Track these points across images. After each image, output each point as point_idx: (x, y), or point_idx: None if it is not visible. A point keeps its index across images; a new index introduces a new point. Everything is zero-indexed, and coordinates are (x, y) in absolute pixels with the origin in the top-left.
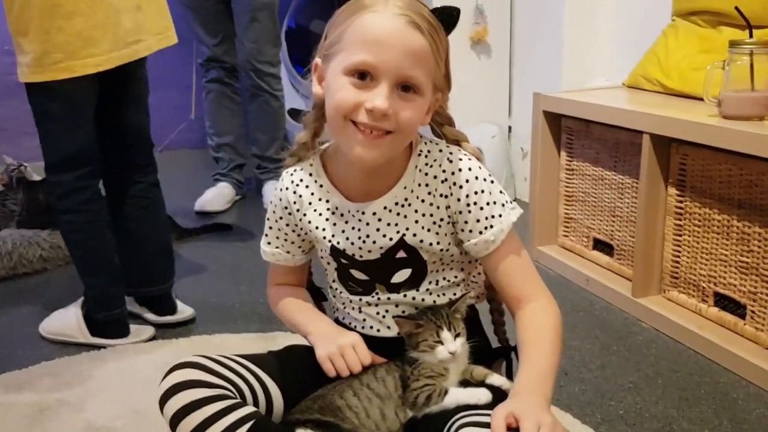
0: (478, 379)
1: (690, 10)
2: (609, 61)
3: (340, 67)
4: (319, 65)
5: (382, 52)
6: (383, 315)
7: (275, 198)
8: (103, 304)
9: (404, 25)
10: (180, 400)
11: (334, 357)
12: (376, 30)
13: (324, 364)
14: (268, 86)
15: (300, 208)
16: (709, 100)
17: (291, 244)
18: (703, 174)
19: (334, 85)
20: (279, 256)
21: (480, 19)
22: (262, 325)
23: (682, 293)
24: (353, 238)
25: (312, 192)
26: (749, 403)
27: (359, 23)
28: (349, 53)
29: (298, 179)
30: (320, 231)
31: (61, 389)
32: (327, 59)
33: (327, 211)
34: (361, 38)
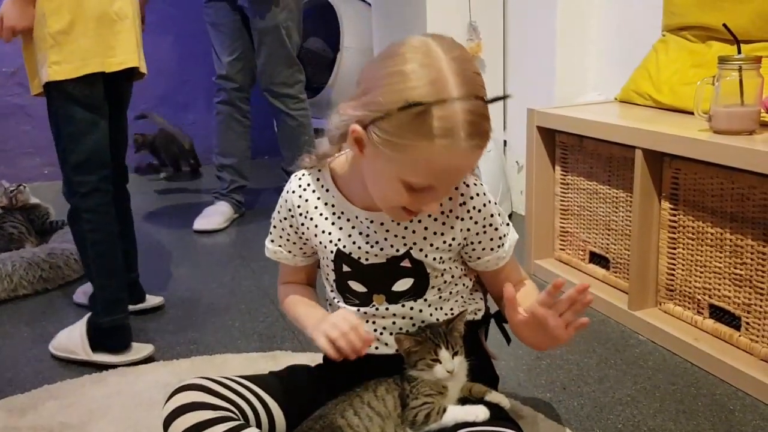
0: (478, 396)
1: (680, 26)
2: (601, 75)
3: (398, 174)
4: (362, 138)
5: (444, 179)
6: (380, 332)
7: (281, 199)
8: (111, 307)
9: (469, 153)
10: (184, 423)
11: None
12: (444, 163)
13: (329, 352)
14: (284, 106)
15: (304, 212)
16: (700, 115)
17: (293, 245)
18: (696, 188)
19: (384, 182)
20: (280, 254)
21: (473, 35)
22: (262, 344)
23: (677, 305)
24: (360, 242)
25: (318, 197)
26: (745, 414)
27: (429, 151)
28: (413, 172)
29: (305, 183)
30: (325, 235)
31: (64, 412)
32: (379, 145)
33: (333, 215)
34: (427, 166)
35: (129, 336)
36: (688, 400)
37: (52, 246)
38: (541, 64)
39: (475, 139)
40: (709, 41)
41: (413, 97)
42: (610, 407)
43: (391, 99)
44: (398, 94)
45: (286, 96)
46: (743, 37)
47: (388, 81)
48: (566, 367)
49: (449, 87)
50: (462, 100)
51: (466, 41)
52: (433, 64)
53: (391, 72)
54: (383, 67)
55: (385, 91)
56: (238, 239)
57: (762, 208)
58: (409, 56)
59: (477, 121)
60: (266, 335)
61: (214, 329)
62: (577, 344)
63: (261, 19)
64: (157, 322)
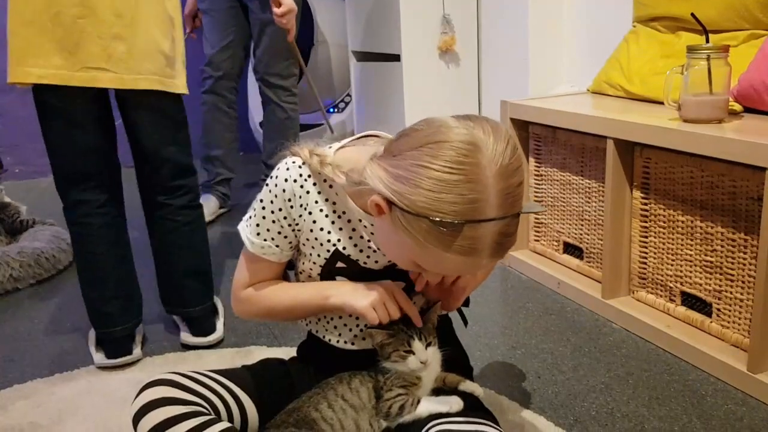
0: (451, 386)
1: (650, 16)
2: (574, 67)
3: (409, 255)
4: (384, 210)
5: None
6: (361, 328)
7: (276, 187)
8: (97, 319)
9: (494, 262)
10: (153, 418)
11: (377, 306)
12: (463, 270)
13: (368, 315)
14: (276, 96)
15: (304, 203)
16: (670, 104)
17: (283, 239)
18: (666, 177)
19: (395, 250)
20: (268, 250)
21: (447, 28)
22: (237, 339)
23: (650, 293)
24: (361, 246)
25: (320, 191)
26: (717, 399)
27: (447, 258)
28: (425, 262)
29: (307, 174)
30: (323, 233)
31: (34, 412)
32: (399, 228)
33: (333, 213)
34: (442, 267)
35: (122, 348)
36: (660, 386)
37: (23, 245)
38: (514, 57)
39: (497, 256)
40: (678, 32)
41: (448, 213)
42: (584, 394)
43: (425, 204)
44: (433, 204)
45: (280, 87)
46: (711, 27)
47: (424, 182)
48: (541, 356)
49: (487, 208)
50: (496, 221)
51: (441, 34)
52: (478, 179)
53: (429, 174)
54: (422, 161)
55: (420, 192)
56: (220, 234)
57: (731, 195)
58: (452, 164)
59: (503, 241)
60: (241, 330)
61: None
62: (552, 333)
63: (265, 11)
64: None
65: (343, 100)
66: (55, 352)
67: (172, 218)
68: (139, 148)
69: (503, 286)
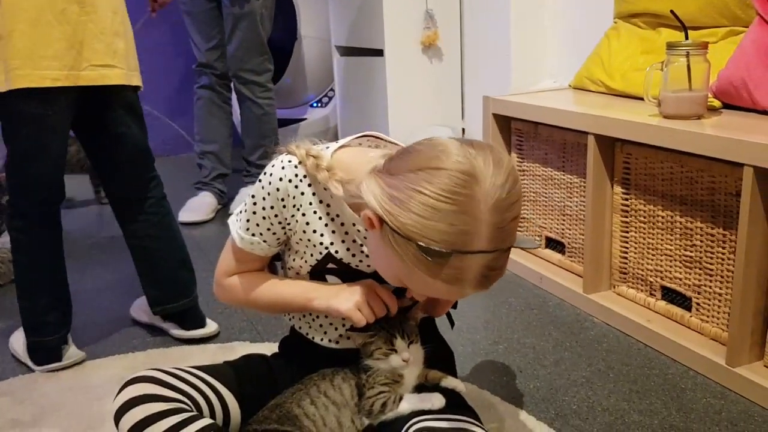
0: (434, 383)
1: (631, 12)
2: (556, 62)
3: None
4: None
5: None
6: (347, 328)
7: (269, 185)
8: (33, 329)
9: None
10: (135, 415)
11: (362, 306)
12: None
13: (353, 316)
14: (251, 93)
15: (298, 204)
16: (650, 100)
17: (272, 235)
18: (647, 172)
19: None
20: (257, 246)
21: (430, 23)
22: (220, 335)
23: (630, 288)
24: (354, 250)
25: (314, 192)
26: (696, 392)
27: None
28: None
29: (302, 174)
30: (316, 235)
31: (16, 409)
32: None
33: (327, 216)
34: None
35: (54, 354)
36: (641, 380)
37: (4, 241)
38: (497, 52)
39: (481, 288)
40: (659, 28)
41: (437, 241)
42: (566, 389)
43: (414, 229)
44: (422, 230)
45: (254, 83)
46: (691, 23)
47: (417, 207)
48: (522, 350)
49: (477, 240)
50: (485, 253)
51: (423, 29)
52: (471, 211)
53: (422, 199)
54: (418, 184)
55: (412, 216)
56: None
57: (710, 191)
58: (449, 192)
59: (490, 274)
60: (224, 326)
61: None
62: (534, 328)
63: (237, 6)
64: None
65: (327, 94)
66: None
67: (154, 211)
68: (118, 147)
69: None
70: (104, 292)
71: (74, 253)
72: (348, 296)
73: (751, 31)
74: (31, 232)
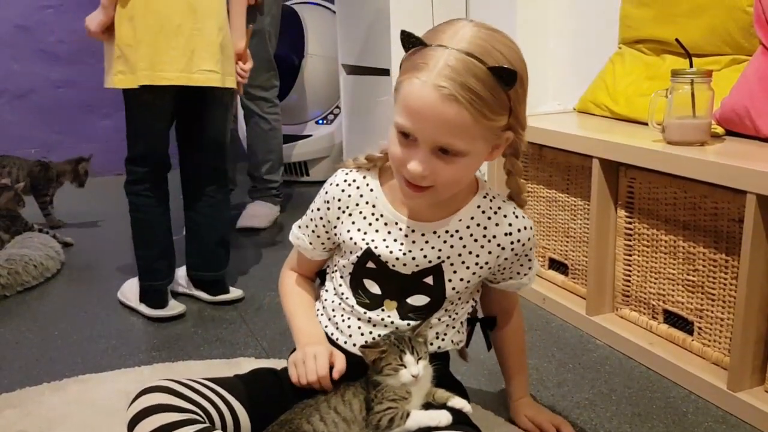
0: (441, 402)
1: (635, 39)
2: (560, 86)
3: (394, 119)
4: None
5: (417, 121)
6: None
7: (322, 190)
8: (148, 273)
9: (440, 98)
10: (149, 425)
11: (297, 363)
12: (415, 100)
13: (289, 369)
14: (259, 109)
15: (344, 206)
16: (654, 126)
17: (316, 237)
18: (650, 197)
19: (389, 132)
20: (301, 242)
21: None
22: (225, 350)
23: (633, 311)
24: (393, 248)
25: (361, 194)
26: (698, 416)
27: (407, 85)
28: (397, 111)
29: (351, 179)
30: (359, 233)
31: (23, 421)
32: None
33: (372, 216)
34: (403, 102)
35: (162, 298)
36: (643, 403)
37: (11, 252)
38: None
39: (446, 84)
40: (663, 54)
41: (420, 37)
42: (569, 411)
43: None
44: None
45: (262, 99)
46: (695, 51)
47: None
48: None
49: (453, 39)
50: (455, 50)
51: None
52: (459, 24)
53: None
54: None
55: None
56: None
57: (713, 216)
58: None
59: (458, 69)
60: (229, 342)
61: (176, 335)
62: (537, 349)
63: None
64: (118, 328)
65: (332, 112)
66: (43, 361)
67: (212, 194)
68: (201, 139)
69: None
70: (109, 306)
71: (78, 270)
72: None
73: (754, 60)
74: (144, 195)
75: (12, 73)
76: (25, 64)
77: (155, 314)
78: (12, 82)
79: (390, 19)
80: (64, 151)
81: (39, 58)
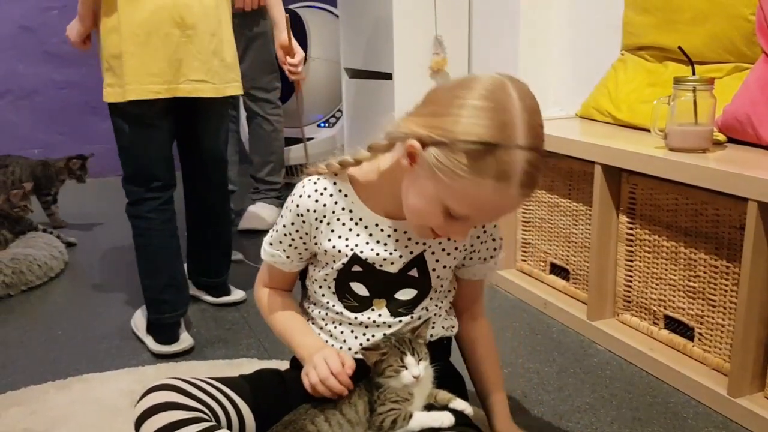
0: (442, 403)
1: (638, 46)
2: (563, 91)
3: (441, 198)
4: (417, 153)
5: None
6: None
7: (292, 204)
8: (155, 306)
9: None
10: (156, 422)
11: (309, 372)
12: (491, 204)
13: (303, 381)
14: (261, 110)
15: (320, 216)
16: (656, 132)
17: (293, 250)
18: (652, 203)
19: (425, 200)
20: (278, 258)
21: (439, 49)
22: (227, 351)
23: (634, 316)
24: (378, 249)
25: (336, 201)
26: (698, 422)
27: (480, 188)
28: (457, 201)
29: (322, 187)
30: (341, 240)
31: (28, 419)
32: (433, 167)
33: (351, 221)
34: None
35: (171, 333)
36: (643, 408)
37: (15, 251)
38: None
39: (526, 189)
40: (665, 61)
41: (482, 135)
42: (569, 415)
43: (460, 130)
44: (468, 128)
45: (265, 101)
46: (697, 58)
47: (460, 111)
48: (527, 375)
49: (517, 134)
50: (525, 150)
51: (432, 55)
52: (507, 108)
53: (465, 104)
54: (458, 96)
55: (456, 120)
56: None
57: (714, 223)
58: (486, 93)
59: (533, 172)
60: (232, 342)
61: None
62: (538, 353)
63: (251, 27)
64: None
65: (334, 115)
66: (47, 360)
67: (217, 210)
68: (198, 152)
69: (490, 305)
70: (112, 307)
71: (82, 270)
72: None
73: (756, 68)
74: (146, 217)
75: (16, 74)
76: (28, 65)
77: (160, 350)
78: (16, 83)
79: (393, 23)
80: (66, 151)
81: (42, 59)
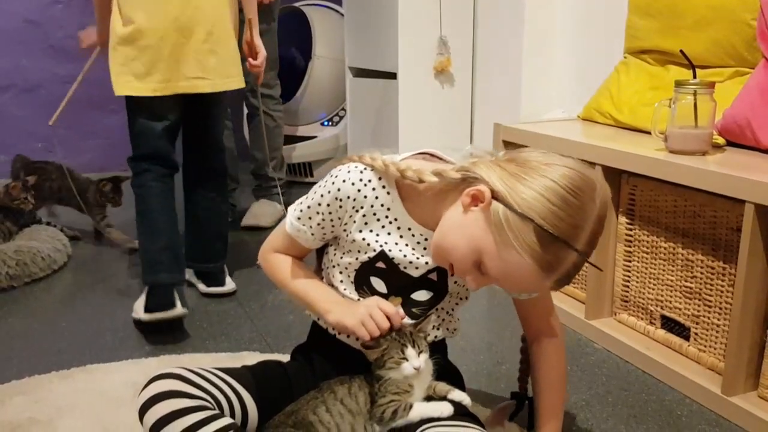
0: (441, 395)
1: (640, 49)
2: (565, 93)
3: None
4: (485, 201)
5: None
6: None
7: (332, 185)
8: (152, 267)
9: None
10: (160, 410)
11: (365, 321)
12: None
13: (358, 331)
14: (265, 106)
15: (358, 206)
16: (657, 135)
17: (320, 229)
18: (651, 204)
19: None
20: (302, 233)
21: (443, 50)
22: (230, 345)
23: (631, 316)
24: (406, 252)
25: (377, 196)
26: (692, 419)
27: (523, 265)
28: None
29: (366, 179)
30: (372, 234)
31: (32, 408)
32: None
33: (386, 218)
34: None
35: (166, 298)
36: (639, 406)
37: (19, 243)
38: (507, 81)
39: (558, 285)
40: (667, 65)
41: (555, 227)
42: (566, 411)
43: (538, 210)
44: (546, 213)
45: (268, 97)
46: (699, 62)
47: (544, 192)
48: None
49: (581, 239)
50: (579, 254)
51: (437, 55)
52: (586, 212)
53: (552, 187)
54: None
55: (537, 198)
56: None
57: (712, 225)
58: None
59: (573, 273)
60: (234, 336)
61: (181, 330)
62: None
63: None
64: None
65: (338, 114)
66: (51, 351)
67: (214, 193)
68: (199, 140)
69: (490, 304)
70: (115, 299)
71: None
72: (353, 312)
73: (756, 73)
74: (148, 186)
75: (20, 68)
76: (33, 59)
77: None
78: (20, 77)
79: (398, 23)
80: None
81: (47, 54)
